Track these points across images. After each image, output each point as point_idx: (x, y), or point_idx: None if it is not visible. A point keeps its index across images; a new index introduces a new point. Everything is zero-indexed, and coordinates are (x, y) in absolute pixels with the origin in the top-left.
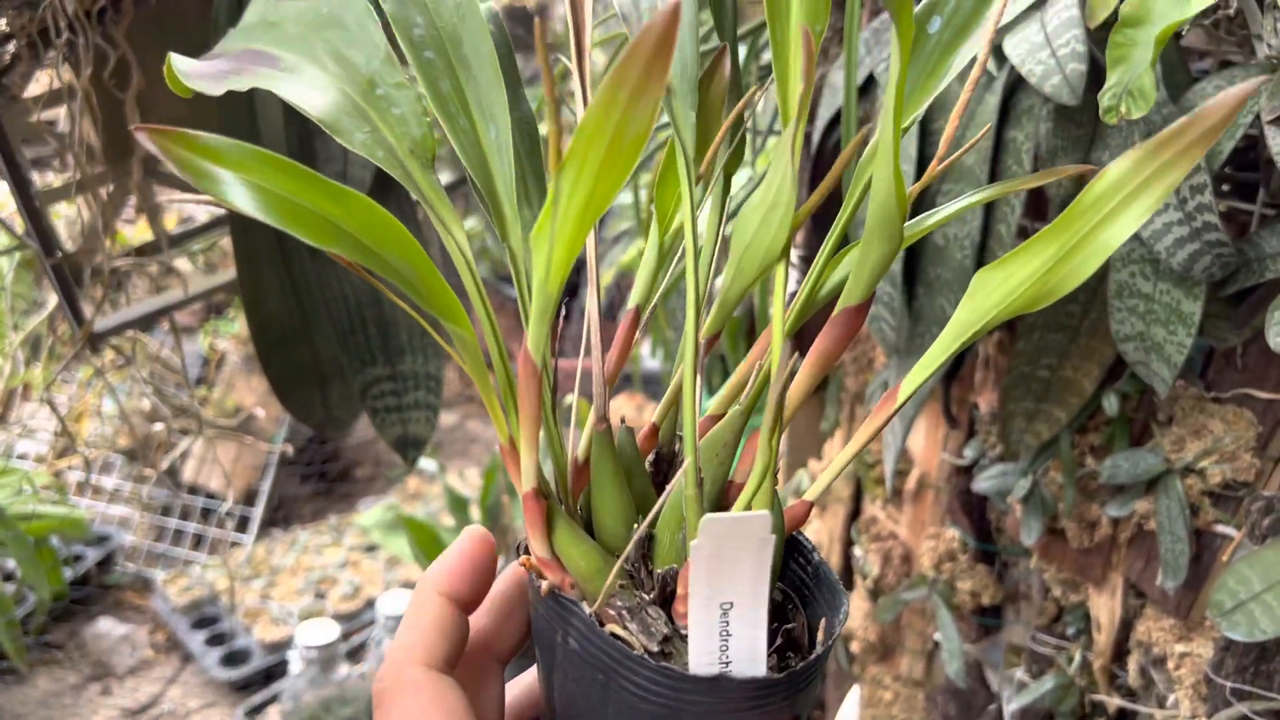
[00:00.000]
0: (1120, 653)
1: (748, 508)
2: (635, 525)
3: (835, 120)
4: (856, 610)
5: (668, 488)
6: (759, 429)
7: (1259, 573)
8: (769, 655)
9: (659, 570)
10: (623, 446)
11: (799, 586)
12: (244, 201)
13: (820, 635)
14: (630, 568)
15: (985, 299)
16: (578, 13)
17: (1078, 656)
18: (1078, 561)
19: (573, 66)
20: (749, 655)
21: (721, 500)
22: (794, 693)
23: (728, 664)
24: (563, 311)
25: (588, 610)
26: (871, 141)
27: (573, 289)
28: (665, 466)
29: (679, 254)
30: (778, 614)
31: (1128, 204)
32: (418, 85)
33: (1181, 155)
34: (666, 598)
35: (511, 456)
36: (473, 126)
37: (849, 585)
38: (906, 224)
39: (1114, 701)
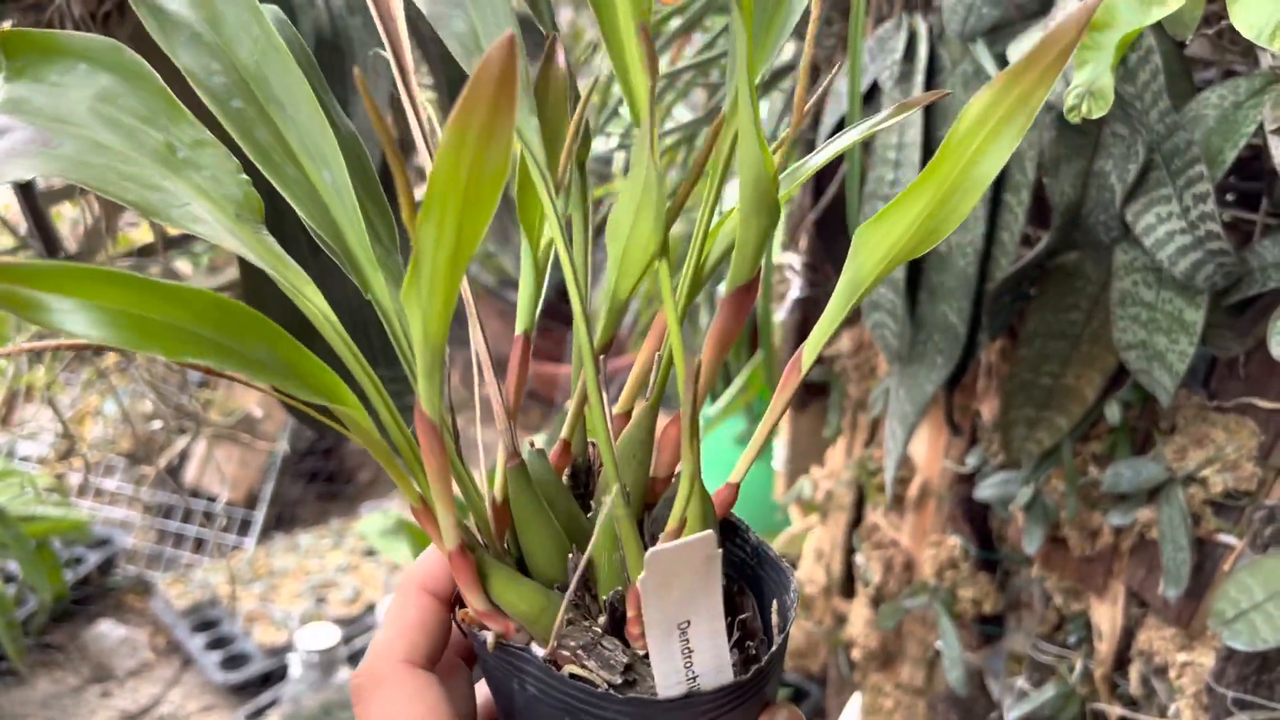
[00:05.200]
0: (1122, 662)
1: (682, 519)
2: (570, 554)
3: (839, 126)
4: (858, 618)
5: (600, 511)
6: (676, 414)
7: (1260, 581)
8: (730, 652)
9: (604, 597)
10: (538, 473)
11: (742, 568)
12: (86, 327)
13: (775, 619)
14: (575, 597)
15: (868, 255)
16: (396, 45)
17: (1079, 665)
18: (1079, 570)
19: (403, 93)
20: (715, 665)
21: (648, 500)
22: (763, 686)
23: (695, 678)
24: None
25: (540, 654)
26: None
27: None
28: (585, 478)
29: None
30: (727, 603)
31: (993, 138)
32: (225, 137)
33: (1037, 82)
34: (617, 622)
35: (426, 517)
36: (304, 174)
37: (850, 593)
38: (792, 168)
39: (1115, 711)
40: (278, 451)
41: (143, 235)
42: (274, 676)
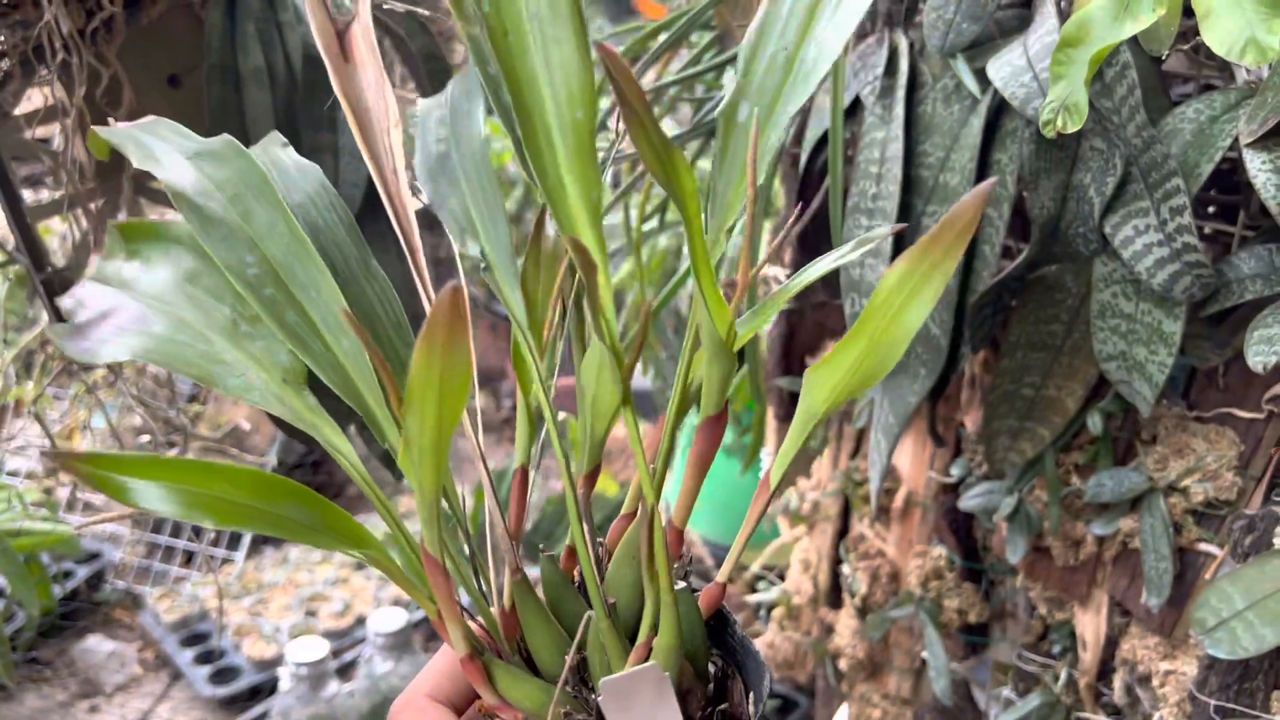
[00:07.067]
0: (1105, 671)
1: (652, 631)
2: (567, 655)
3: (822, 141)
4: (845, 628)
5: (581, 625)
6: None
7: (1241, 590)
8: None
9: (593, 698)
10: (548, 575)
11: (733, 654)
12: (159, 504)
13: (751, 708)
14: (574, 691)
15: (816, 393)
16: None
17: (1063, 674)
18: (1063, 579)
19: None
20: None
21: (643, 602)
22: None
23: None
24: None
25: None
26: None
27: None
28: (600, 570)
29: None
30: (718, 688)
31: (914, 296)
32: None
33: (945, 254)
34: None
35: (441, 627)
36: (326, 346)
37: (837, 603)
38: (782, 286)
39: (1099, 719)
40: (267, 465)
41: None
42: (264, 690)
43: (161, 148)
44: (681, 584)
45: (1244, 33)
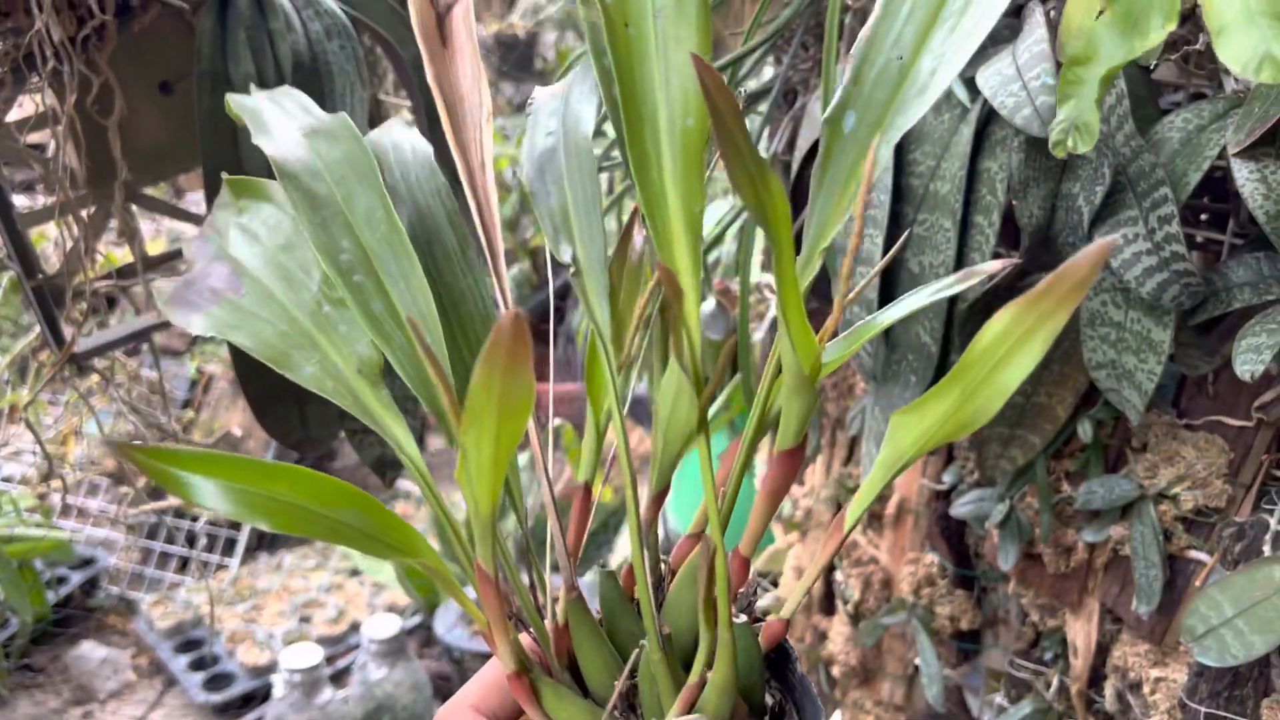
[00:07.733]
0: (1097, 677)
1: (703, 673)
2: (617, 680)
3: (813, 149)
4: (838, 635)
5: (632, 656)
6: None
7: (1230, 598)
8: None
9: None
10: (607, 593)
11: (791, 691)
12: (214, 501)
13: None
14: (622, 718)
15: (904, 438)
16: (490, 233)
17: (1055, 681)
18: (1054, 586)
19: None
20: None
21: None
22: None
23: None
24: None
25: None
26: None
27: (560, 313)
28: (660, 589)
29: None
30: None
31: (1017, 350)
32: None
33: (1058, 306)
34: None
35: (490, 640)
36: (408, 340)
37: (830, 610)
38: (870, 318)
39: None
40: None
41: (127, 256)
42: (257, 696)
43: (279, 121)
44: (743, 617)
45: (1259, 49)
